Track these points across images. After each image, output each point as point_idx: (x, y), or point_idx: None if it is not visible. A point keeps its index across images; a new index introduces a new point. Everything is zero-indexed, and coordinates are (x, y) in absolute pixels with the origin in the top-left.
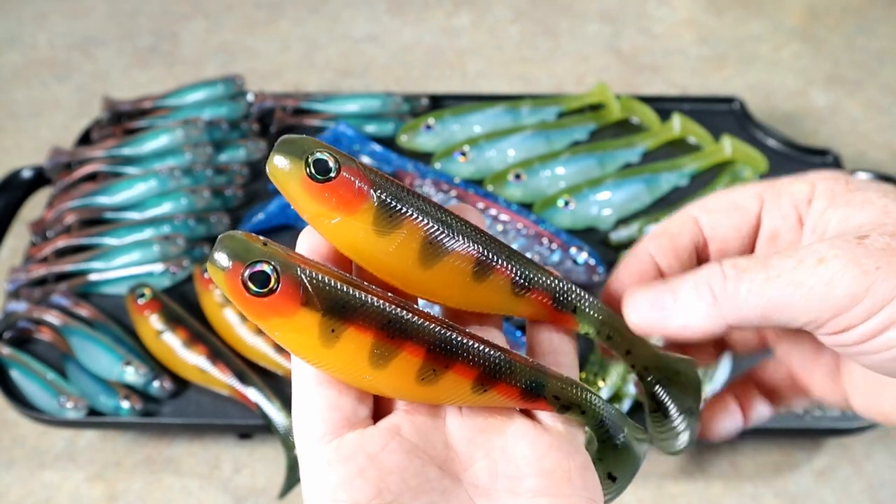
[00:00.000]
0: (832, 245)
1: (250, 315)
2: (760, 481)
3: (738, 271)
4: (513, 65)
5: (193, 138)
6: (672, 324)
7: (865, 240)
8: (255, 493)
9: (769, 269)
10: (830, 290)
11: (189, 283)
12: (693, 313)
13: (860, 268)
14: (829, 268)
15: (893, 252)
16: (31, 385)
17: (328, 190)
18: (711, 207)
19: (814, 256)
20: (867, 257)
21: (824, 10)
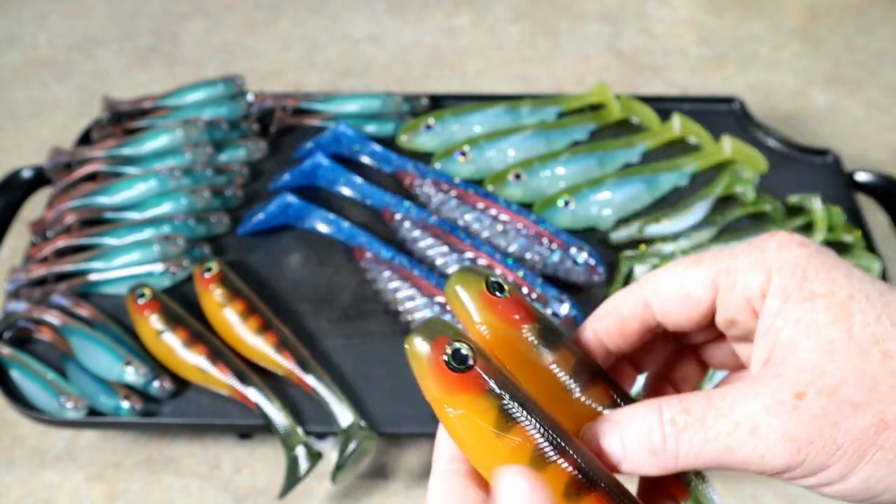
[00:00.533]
0: (767, 411)
1: (441, 389)
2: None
3: (677, 430)
4: (513, 65)
5: (193, 138)
6: (622, 469)
7: (802, 402)
8: (255, 493)
9: (707, 429)
10: (764, 459)
11: (189, 283)
12: (640, 465)
13: (794, 444)
14: (762, 440)
15: (828, 420)
16: (31, 385)
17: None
18: (664, 295)
19: (749, 425)
20: (801, 429)
21: (824, 10)
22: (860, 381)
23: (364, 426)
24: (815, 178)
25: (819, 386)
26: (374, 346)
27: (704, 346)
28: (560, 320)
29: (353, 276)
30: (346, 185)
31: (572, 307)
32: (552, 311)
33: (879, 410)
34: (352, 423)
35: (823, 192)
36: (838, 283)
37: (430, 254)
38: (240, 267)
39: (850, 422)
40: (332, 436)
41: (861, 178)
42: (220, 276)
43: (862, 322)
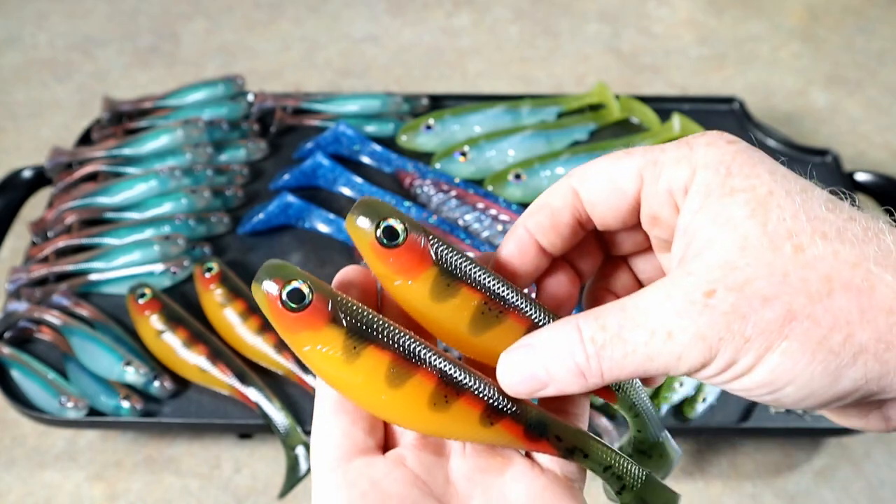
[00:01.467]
0: (679, 315)
1: (282, 328)
2: (760, 481)
3: (597, 349)
4: (513, 65)
5: (194, 138)
6: (548, 392)
7: (711, 299)
8: (255, 492)
9: (625, 343)
10: (680, 361)
11: (189, 283)
12: (565, 385)
13: (705, 342)
14: (676, 343)
15: (737, 314)
16: (31, 385)
17: (393, 255)
18: (591, 184)
19: (663, 329)
20: (712, 327)
21: (824, 11)
22: (770, 274)
23: None
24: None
25: (729, 282)
26: None
27: (634, 258)
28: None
29: None
30: (346, 185)
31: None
32: None
33: (787, 302)
34: None
35: None
36: (761, 178)
37: None
38: (240, 267)
39: (759, 315)
40: None
41: (860, 178)
42: (220, 276)
43: (778, 217)
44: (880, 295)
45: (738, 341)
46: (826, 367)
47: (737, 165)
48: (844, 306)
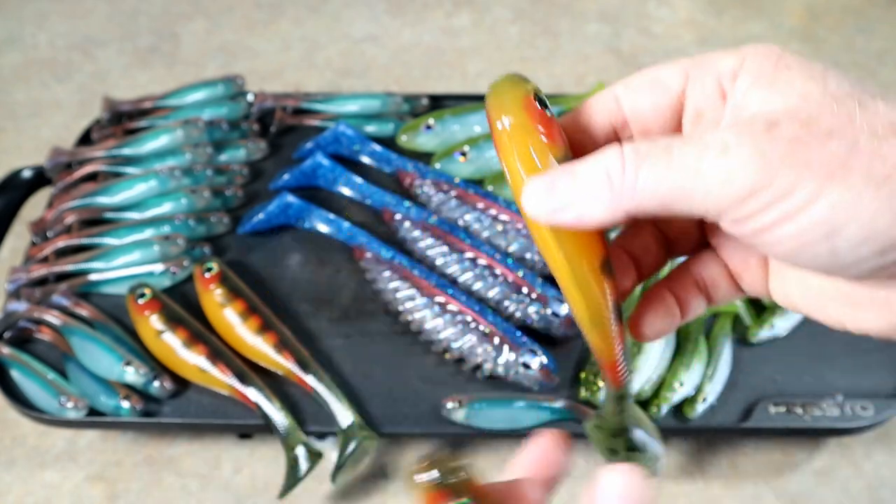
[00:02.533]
0: (738, 132)
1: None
2: (760, 481)
3: (639, 157)
4: (513, 65)
5: (193, 138)
6: (567, 215)
7: (775, 129)
8: (255, 492)
9: (671, 155)
10: (731, 180)
11: (189, 283)
12: (590, 202)
13: (764, 159)
14: (731, 158)
15: (801, 143)
16: (31, 385)
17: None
18: (634, 85)
19: (718, 145)
20: (773, 149)
21: (824, 11)
22: (835, 115)
23: (364, 426)
24: None
25: (792, 117)
26: (374, 346)
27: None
28: (560, 321)
29: (353, 276)
30: (346, 185)
31: None
32: (552, 310)
33: (853, 137)
34: (352, 423)
35: None
36: (808, 70)
37: (430, 254)
38: (240, 267)
39: (823, 146)
40: (332, 436)
41: None
42: (220, 276)
43: (837, 84)
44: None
45: (801, 167)
46: (887, 204)
47: (788, 56)
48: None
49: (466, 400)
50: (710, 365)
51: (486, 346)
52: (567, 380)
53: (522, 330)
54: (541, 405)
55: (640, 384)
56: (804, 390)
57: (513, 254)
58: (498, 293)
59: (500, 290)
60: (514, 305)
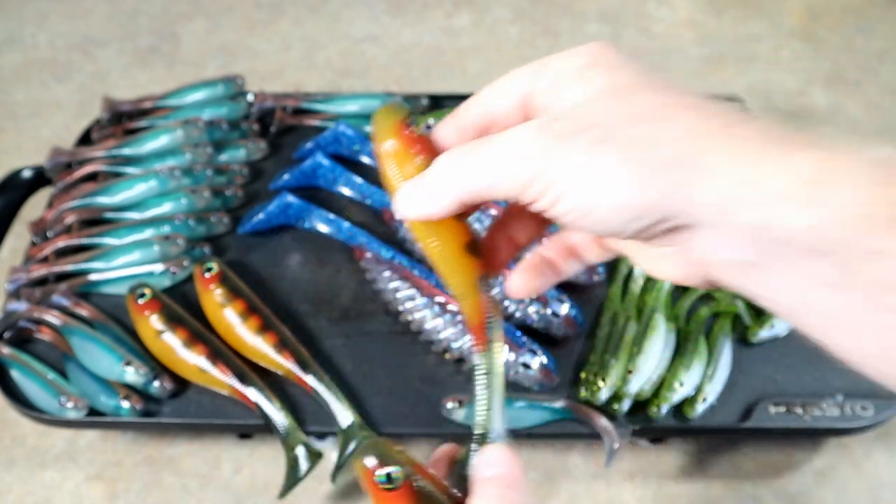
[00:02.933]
0: (523, 127)
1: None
2: (760, 481)
3: (451, 161)
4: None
5: (194, 138)
6: (418, 213)
7: (556, 123)
8: (255, 492)
9: (478, 149)
10: (515, 168)
11: (189, 283)
12: (428, 201)
13: (544, 142)
14: (521, 144)
15: (567, 135)
16: (31, 385)
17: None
18: (498, 86)
19: (511, 137)
20: (552, 136)
21: (824, 10)
22: (603, 110)
23: (364, 426)
24: None
25: (570, 113)
26: (374, 346)
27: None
28: (560, 320)
29: (353, 276)
30: (346, 185)
31: (572, 307)
32: (552, 310)
33: (610, 126)
34: (352, 423)
35: None
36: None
37: None
38: (240, 267)
39: (586, 132)
40: (332, 436)
41: None
42: (220, 276)
43: (627, 76)
44: (681, 123)
45: (561, 158)
46: (639, 173)
47: (608, 54)
48: (653, 132)
49: (466, 400)
50: (710, 365)
51: None
52: (567, 380)
53: (522, 330)
54: (541, 405)
55: (640, 384)
56: (804, 390)
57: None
58: (498, 293)
59: (500, 291)
60: (513, 305)
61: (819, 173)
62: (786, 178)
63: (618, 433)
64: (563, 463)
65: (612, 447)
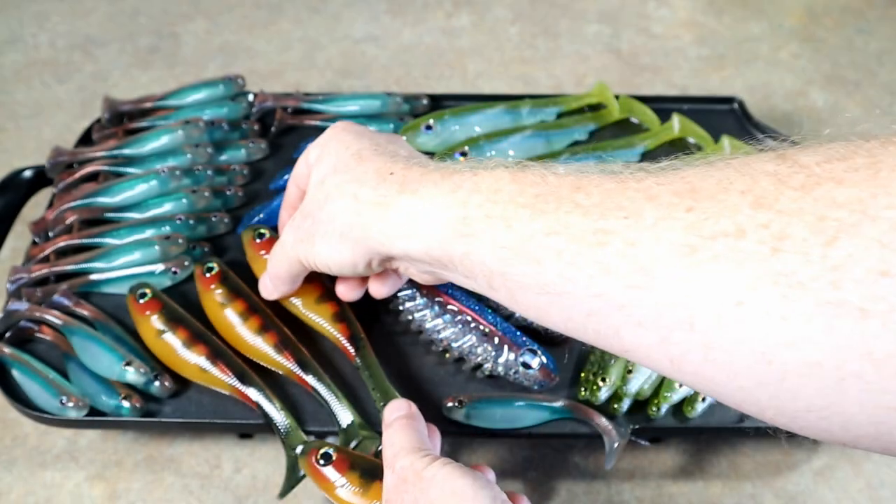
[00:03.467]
0: (284, 230)
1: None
2: (760, 481)
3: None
4: (512, 65)
5: (194, 138)
6: (270, 295)
7: (296, 219)
8: (255, 492)
9: (274, 255)
10: (290, 258)
11: (190, 283)
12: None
13: (289, 246)
14: (285, 248)
15: (299, 228)
16: (32, 384)
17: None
18: (294, 178)
19: (281, 239)
20: (292, 235)
21: (823, 11)
22: (312, 200)
23: (364, 426)
24: None
25: (303, 208)
26: (374, 346)
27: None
28: None
29: None
30: None
31: None
32: None
33: (313, 213)
34: (352, 422)
35: None
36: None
37: None
38: (240, 267)
39: (306, 223)
40: (332, 436)
41: None
42: (220, 276)
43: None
44: (347, 199)
45: (300, 243)
46: (339, 245)
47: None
48: (332, 210)
49: (466, 400)
50: None
51: (486, 346)
52: (567, 380)
53: (522, 330)
54: (541, 405)
55: (639, 384)
56: None
57: None
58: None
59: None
60: None
61: (414, 215)
62: (398, 223)
63: (618, 433)
64: (563, 463)
65: (612, 447)
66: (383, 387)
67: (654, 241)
